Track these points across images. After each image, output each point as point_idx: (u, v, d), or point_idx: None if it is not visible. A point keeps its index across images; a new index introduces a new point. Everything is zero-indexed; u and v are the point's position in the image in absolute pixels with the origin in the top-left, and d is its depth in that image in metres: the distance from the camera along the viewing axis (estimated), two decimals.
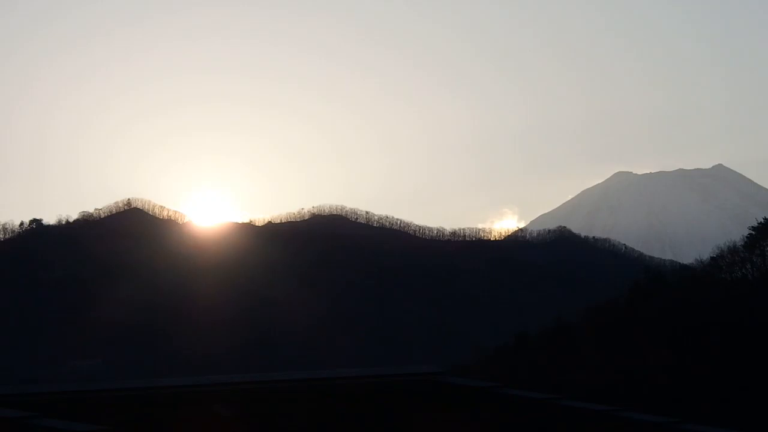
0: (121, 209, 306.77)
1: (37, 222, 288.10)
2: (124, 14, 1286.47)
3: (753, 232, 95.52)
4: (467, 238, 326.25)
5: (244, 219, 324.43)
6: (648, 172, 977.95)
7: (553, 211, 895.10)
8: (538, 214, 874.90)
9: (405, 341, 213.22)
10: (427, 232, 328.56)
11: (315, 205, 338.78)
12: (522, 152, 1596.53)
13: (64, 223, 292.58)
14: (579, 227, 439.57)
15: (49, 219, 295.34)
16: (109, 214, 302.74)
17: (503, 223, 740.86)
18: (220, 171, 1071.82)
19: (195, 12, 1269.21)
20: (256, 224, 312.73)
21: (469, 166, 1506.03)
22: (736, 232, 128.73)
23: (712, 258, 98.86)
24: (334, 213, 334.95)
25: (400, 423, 12.00)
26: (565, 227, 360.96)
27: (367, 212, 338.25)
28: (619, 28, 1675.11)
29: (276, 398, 11.57)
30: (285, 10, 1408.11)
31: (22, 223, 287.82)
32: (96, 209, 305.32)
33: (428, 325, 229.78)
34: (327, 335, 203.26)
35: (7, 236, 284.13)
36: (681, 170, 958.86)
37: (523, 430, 12.19)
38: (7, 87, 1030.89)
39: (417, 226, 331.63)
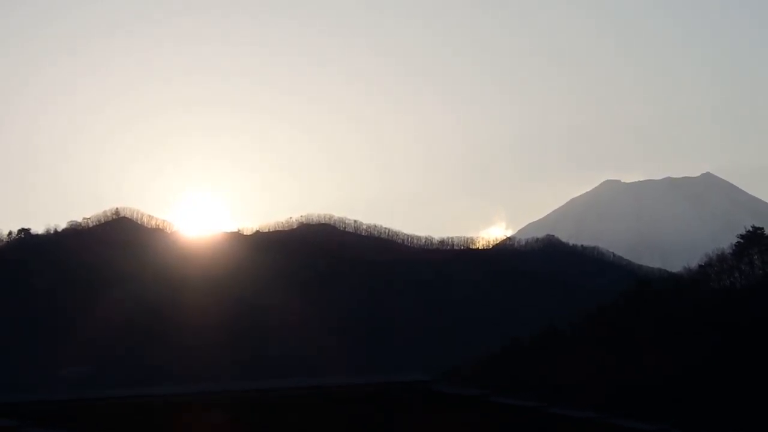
0: (110, 218, 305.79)
1: (25, 231, 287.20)
2: (110, 22, 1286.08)
3: (741, 240, 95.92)
4: (456, 247, 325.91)
5: (233, 228, 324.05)
6: (636, 180, 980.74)
7: (541, 219, 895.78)
8: (527, 223, 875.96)
9: (395, 349, 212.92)
10: (415, 240, 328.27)
11: (303, 214, 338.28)
12: (510, 161, 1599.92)
13: (52, 232, 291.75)
14: (567, 235, 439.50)
15: (38, 228, 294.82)
16: (97, 223, 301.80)
17: (491, 232, 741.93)
18: (209, 180, 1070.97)
19: (183, 18, 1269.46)
20: (245, 233, 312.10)
21: (457, 174, 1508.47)
22: (725, 240, 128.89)
23: (700, 266, 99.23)
24: (323, 222, 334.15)
25: (391, 431, 12.05)
26: (553, 236, 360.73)
27: (355, 221, 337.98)
28: (608, 37, 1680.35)
29: (268, 406, 11.62)
30: (277, 17, 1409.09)
31: (10, 233, 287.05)
32: (84, 218, 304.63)
33: (419, 333, 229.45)
34: (317, 344, 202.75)
35: None
36: (669, 178, 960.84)
37: None
38: None
39: (405, 234, 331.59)
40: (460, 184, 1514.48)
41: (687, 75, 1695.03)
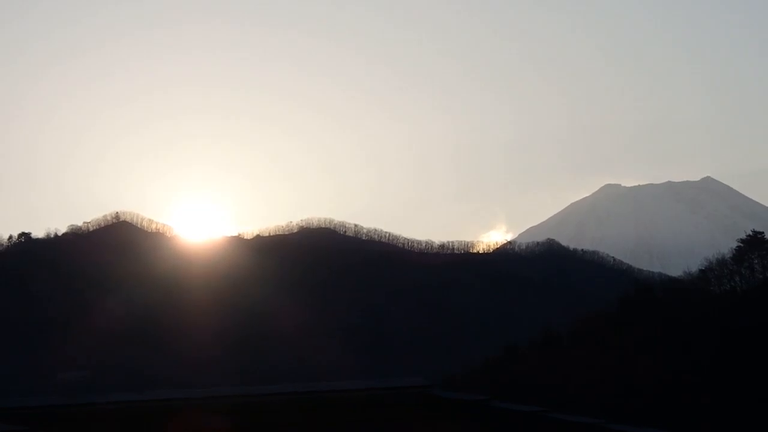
0: (110, 222, 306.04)
1: (25, 235, 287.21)
2: (111, 28, 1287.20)
3: (741, 245, 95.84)
4: (456, 251, 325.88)
5: (233, 232, 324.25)
6: (636, 184, 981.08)
7: (541, 223, 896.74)
8: (527, 227, 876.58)
9: (395, 354, 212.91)
10: (415, 245, 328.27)
11: (303, 218, 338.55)
12: (510, 165, 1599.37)
13: (52, 236, 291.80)
14: (568, 239, 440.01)
15: (38, 232, 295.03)
16: (97, 227, 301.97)
17: (492, 236, 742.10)
18: (209, 184, 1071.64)
19: (183, 25, 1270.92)
20: (245, 237, 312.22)
21: (457, 178, 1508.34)
22: (725, 244, 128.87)
23: (700, 270, 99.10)
24: (323, 226, 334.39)
25: None
26: (553, 240, 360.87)
27: (355, 225, 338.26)
28: (608, 40, 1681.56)
29: (266, 411, 11.58)
30: (274, 23, 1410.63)
31: (10, 237, 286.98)
32: (84, 222, 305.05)
33: (418, 337, 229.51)
34: (316, 348, 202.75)
35: None
36: (669, 182, 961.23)
37: None
38: None
39: (405, 239, 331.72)
40: (460, 189, 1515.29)
41: (687, 78, 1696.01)
